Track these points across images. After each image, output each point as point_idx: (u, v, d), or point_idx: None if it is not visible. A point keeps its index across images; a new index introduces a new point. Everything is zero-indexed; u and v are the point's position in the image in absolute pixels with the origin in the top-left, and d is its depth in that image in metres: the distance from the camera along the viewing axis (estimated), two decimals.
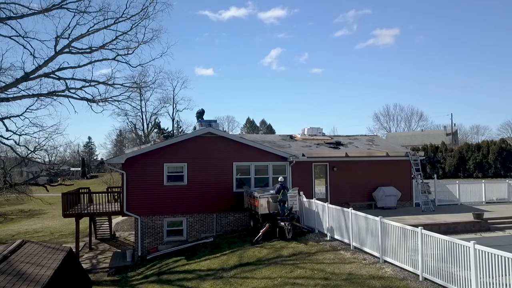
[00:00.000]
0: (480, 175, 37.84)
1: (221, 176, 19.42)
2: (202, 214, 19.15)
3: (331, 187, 21.33)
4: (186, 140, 19.16)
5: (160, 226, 18.61)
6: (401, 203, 22.18)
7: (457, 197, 23.29)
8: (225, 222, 19.44)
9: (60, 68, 21.54)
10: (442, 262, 9.98)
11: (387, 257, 12.03)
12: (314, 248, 14.44)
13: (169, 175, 18.85)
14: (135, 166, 18.30)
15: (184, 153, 19.00)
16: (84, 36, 22.75)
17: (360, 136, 27.00)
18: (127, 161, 18.15)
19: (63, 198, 18.10)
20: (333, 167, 21.31)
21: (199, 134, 19.25)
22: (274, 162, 20.31)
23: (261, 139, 23.45)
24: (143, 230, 18.35)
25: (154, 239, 18.53)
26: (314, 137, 24.90)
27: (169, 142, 18.87)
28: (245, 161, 19.91)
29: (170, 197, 18.67)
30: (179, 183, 18.92)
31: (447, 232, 16.95)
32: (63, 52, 22.56)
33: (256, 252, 15.14)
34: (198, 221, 19.11)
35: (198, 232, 19.10)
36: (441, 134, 65.90)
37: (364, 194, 21.81)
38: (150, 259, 17.73)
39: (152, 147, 18.74)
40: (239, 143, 19.89)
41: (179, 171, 18.98)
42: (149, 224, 18.47)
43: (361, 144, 24.27)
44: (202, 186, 19.08)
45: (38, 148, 23.16)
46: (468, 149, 39.30)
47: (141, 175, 18.36)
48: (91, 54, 22.37)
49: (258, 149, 20.03)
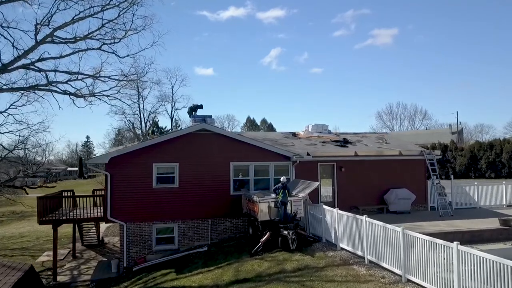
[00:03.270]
0: (493, 175, 35.88)
1: (217, 177, 17.47)
2: (195, 220, 17.21)
3: (339, 189, 19.37)
4: (178, 137, 17.21)
5: (149, 233, 16.68)
6: (415, 207, 20.22)
7: (475, 200, 21.34)
8: (221, 229, 17.50)
9: (40, 59, 19.54)
10: (486, 285, 8.02)
11: (411, 275, 10.07)
12: (322, 262, 12.48)
13: (159, 177, 16.92)
14: (121, 166, 16.37)
15: (175, 152, 17.08)
16: (68, 24, 20.77)
17: (368, 133, 25.06)
18: (112, 161, 16.22)
19: (39, 202, 16.15)
20: (340, 167, 19.35)
21: (192, 130, 17.29)
22: (276, 162, 18.37)
23: (261, 137, 21.50)
24: (129, 238, 16.42)
25: (142, 248, 16.60)
26: (319, 134, 22.94)
27: (158, 139, 16.91)
28: (243, 161, 17.97)
29: (159, 201, 16.74)
30: (170, 185, 16.98)
31: (471, 241, 15.04)
32: (45, 42, 20.58)
33: (256, 265, 13.18)
34: (191, 228, 17.16)
35: (191, 240, 17.16)
36: (446, 132, 64.01)
37: (375, 197, 19.85)
38: (137, 271, 15.79)
39: (140, 145, 16.76)
40: (237, 141, 17.94)
41: (170, 172, 17.04)
42: (136, 232, 16.53)
43: (371, 142, 22.30)
44: (196, 188, 17.15)
45: (19, 147, 21.18)
46: (480, 148, 37.29)
47: (128, 176, 16.43)
48: (75, 44, 20.39)
49: (258, 148, 18.09)
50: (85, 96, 23.46)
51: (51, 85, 21.83)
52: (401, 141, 24.36)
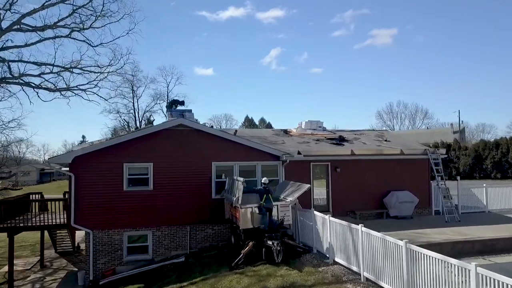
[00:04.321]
0: (499, 175, 34.03)
1: (196, 179, 15.63)
2: (172, 226, 15.37)
3: (333, 192, 17.51)
4: (152, 134, 15.35)
5: (119, 242, 14.83)
6: (418, 211, 18.37)
7: (483, 203, 19.49)
8: (201, 237, 15.65)
9: (3, 48, 17.76)
10: None
11: None
12: (311, 278, 10.63)
13: (131, 178, 15.08)
14: (87, 166, 14.54)
15: (149, 150, 15.24)
16: (37, 10, 19.01)
17: (367, 131, 23.23)
18: (76, 160, 14.38)
19: None
20: (335, 167, 17.50)
21: (168, 126, 15.44)
22: (264, 161, 16.54)
23: (249, 134, 19.66)
24: (96, 247, 14.57)
25: (111, 259, 14.75)
26: (313, 132, 21.08)
27: (130, 136, 15.04)
28: (227, 161, 16.14)
29: (131, 206, 14.89)
30: (144, 187, 15.15)
31: (483, 251, 13.20)
32: (11, 30, 18.83)
33: (234, 281, 11.34)
34: (167, 236, 15.32)
35: (168, 249, 15.31)
36: (448, 132, 62.32)
37: (374, 201, 18.00)
38: (103, 285, 13.97)
39: (108, 142, 14.88)
40: (219, 139, 16.10)
41: (143, 173, 15.21)
42: (104, 240, 14.69)
43: (369, 140, 20.45)
44: (173, 191, 15.32)
45: None
46: (485, 147, 35.41)
47: (95, 178, 14.59)
48: (44, 32, 18.62)
49: (244, 146, 16.26)
50: (60, 90, 21.76)
51: (21, 78, 20.06)
52: (402, 139, 22.51)
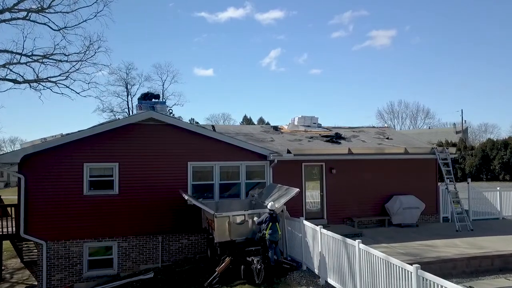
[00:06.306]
0: (507, 177, 31.95)
1: (170, 182, 13.54)
2: (141, 236, 13.29)
3: (328, 196, 15.43)
4: (117, 129, 13.23)
5: (78, 254, 12.74)
6: (424, 218, 16.32)
7: (497, 209, 17.44)
8: (175, 248, 13.56)
9: None
10: None
11: None
12: None
13: (93, 181, 13.00)
14: (39, 167, 12.46)
15: (114, 148, 13.17)
16: None
17: (367, 128, 21.14)
18: (26, 160, 12.30)
19: None
20: (331, 168, 15.41)
21: (136, 120, 13.35)
22: (249, 161, 14.47)
23: (235, 131, 17.60)
24: (51, 261, 12.48)
25: (69, 274, 12.65)
26: (307, 128, 19.01)
27: (90, 132, 12.90)
28: (206, 161, 14.07)
29: (93, 213, 12.82)
30: (108, 192, 13.06)
31: (505, 268, 11.11)
32: None
33: None
34: (135, 247, 13.23)
35: (136, 262, 13.23)
36: (450, 132, 60.34)
37: (374, 206, 15.91)
38: None
39: (65, 139, 12.75)
40: (198, 135, 14.02)
41: (107, 174, 13.12)
42: (60, 253, 12.60)
43: (369, 137, 18.37)
44: (143, 196, 13.26)
45: None
46: (493, 147, 33.31)
47: (49, 180, 12.51)
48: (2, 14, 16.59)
49: (226, 144, 14.19)
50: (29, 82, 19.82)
51: None
52: (405, 136, 20.43)
